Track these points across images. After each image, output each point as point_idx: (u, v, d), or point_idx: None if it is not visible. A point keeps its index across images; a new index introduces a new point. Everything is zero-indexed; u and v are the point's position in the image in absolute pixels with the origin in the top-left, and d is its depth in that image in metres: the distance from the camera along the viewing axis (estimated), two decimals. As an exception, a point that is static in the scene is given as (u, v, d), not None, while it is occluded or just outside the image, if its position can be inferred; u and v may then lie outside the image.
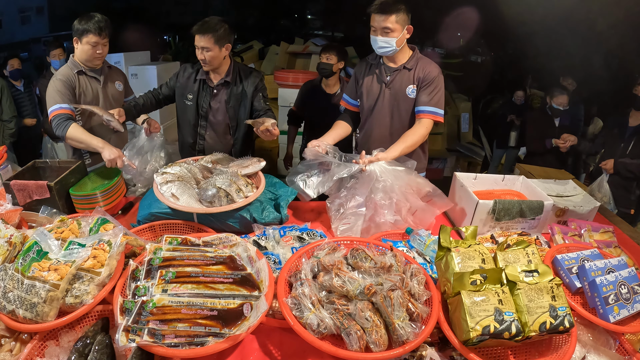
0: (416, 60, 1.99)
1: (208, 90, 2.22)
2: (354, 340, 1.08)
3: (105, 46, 2.11)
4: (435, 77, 1.95)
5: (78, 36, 2.05)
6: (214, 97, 2.23)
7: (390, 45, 1.89)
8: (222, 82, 2.20)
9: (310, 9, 9.80)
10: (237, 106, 2.23)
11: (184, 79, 2.24)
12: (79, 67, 2.12)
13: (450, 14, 5.92)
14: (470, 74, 6.71)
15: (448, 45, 7.15)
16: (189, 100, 2.24)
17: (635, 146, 2.96)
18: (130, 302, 1.10)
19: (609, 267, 1.37)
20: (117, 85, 2.30)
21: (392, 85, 2.02)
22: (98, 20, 2.03)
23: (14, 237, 1.34)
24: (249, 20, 8.83)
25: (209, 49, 2.04)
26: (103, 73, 2.21)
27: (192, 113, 2.25)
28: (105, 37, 2.07)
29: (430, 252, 1.57)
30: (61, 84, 2.03)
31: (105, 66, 2.23)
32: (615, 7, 4.45)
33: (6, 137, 3.84)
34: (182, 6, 8.94)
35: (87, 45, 2.05)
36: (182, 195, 1.63)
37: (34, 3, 8.56)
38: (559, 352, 1.18)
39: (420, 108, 1.96)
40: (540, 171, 2.97)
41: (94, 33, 2.02)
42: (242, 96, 2.21)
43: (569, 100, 3.67)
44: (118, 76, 2.34)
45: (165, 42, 8.18)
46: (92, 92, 2.15)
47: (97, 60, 2.13)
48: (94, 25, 2.01)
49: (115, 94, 2.27)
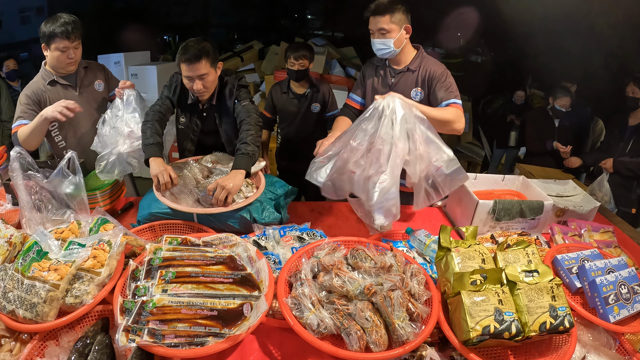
0: (420, 61, 1.94)
1: (199, 113, 2.03)
2: (354, 340, 1.08)
3: (77, 49, 1.96)
4: (442, 72, 1.89)
5: (45, 42, 1.90)
6: (204, 120, 2.04)
7: (388, 47, 1.86)
8: (209, 105, 1.99)
9: (310, 9, 9.79)
10: (228, 127, 2.03)
11: (179, 96, 2.00)
12: (51, 76, 1.99)
13: (450, 14, 5.92)
14: (470, 74, 6.71)
15: (448, 45, 7.16)
16: (181, 124, 2.08)
17: (634, 145, 2.96)
18: (130, 302, 1.10)
19: (609, 267, 1.37)
20: (97, 85, 2.13)
21: (397, 88, 1.96)
22: (65, 22, 1.87)
23: (14, 237, 1.34)
24: (249, 20, 8.82)
25: (207, 74, 1.81)
26: (79, 78, 2.06)
27: (185, 135, 2.09)
28: (75, 40, 1.92)
29: (430, 252, 1.58)
30: (27, 99, 1.94)
31: (80, 68, 2.07)
32: (615, 7, 4.46)
33: (5, 137, 3.85)
34: (182, 6, 8.93)
35: (56, 51, 1.90)
36: (179, 195, 1.62)
37: (34, 3, 8.55)
38: (559, 352, 1.18)
39: (444, 103, 1.82)
40: (540, 171, 2.98)
41: (61, 37, 1.86)
42: (228, 115, 2.00)
43: (571, 102, 3.68)
44: (97, 74, 2.15)
45: (165, 42, 8.17)
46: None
47: (71, 66, 1.99)
48: (61, 29, 1.85)
49: (96, 97, 2.13)
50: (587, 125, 4.22)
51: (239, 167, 1.69)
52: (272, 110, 2.91)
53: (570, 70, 4.65)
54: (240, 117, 1.90)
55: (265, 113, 2.93)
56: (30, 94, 1.96)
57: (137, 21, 6.74)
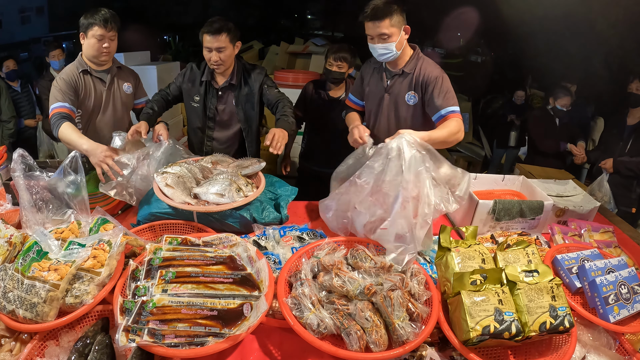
0: (415, 63, 1.89)
1: (214, 92, 2.18)
2: (354, 340, 1.08)
3: (112, 41, 2.04)
4: (438, 76, 1.83)
5: (84, 30, 1.99)
6: (219, 99, 2.20)
7: (391, 51, 1.80)
8: (226, 85, 2.16)
9: (310, 9, 9.80)
10: (247, 108, 2.20)
11: (190, 79, 2.20)
12: (85, 66, 2.07)
13: (450, 14, 5.93)
14: (470, 74, 6.73)
15: (448, 45, 7.17)
16: (195, 102, 2.21)
17: (634, 144, 2.97)
18: (130, 302, 1.10)
19: (609, 267, 1.37)
20: (126, 87, 2.22)
21: (392, 90, 1.95)
22: (104, 13, 1.98)
23: (14, 237, 1.34)
24: (249, 20, 8.83)
25: (225, 48, 2.00)
26: (110, 73, 2.14)
27: (199, 115, 2.23)
28: (111, 30, 2.00)
29: (430, 252, 1.58)
30: (64, 83, 1.99)
31: (114, 66, 2.16)
32: (615, 7, 4.46)
33: (5, 137, 3.85)
34: (182, 6, 8.93)
35: (92, 39, 1.98)
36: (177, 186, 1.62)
37: (34, 3, 8.55)
38: (559, 352, 1.18)
39: (442, 112, 1.79)
40: (540, 171, 2.98)
41: (99, 25, 1.96)
42: (249, 97, 2.18)
43: (571, 101, 3.69)
44: (128, 77, 2.25)
45: (165, 42, 8.18)
46: (95, 94, 2.10)
47: (104, 56, 2.05)
48: (100, 18, 1.96)
49: (122, 97, 2.20)
50: (588, 124, 4.23)
51: (284, 128, 1.86)
52: (302, 108, 2.80)
53: (570, 70, 4.66)
54: (273, 100, 2.12)
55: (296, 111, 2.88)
56: (67, 79, 2.01)
57: (137, 21, 6.74)
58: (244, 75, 2.18)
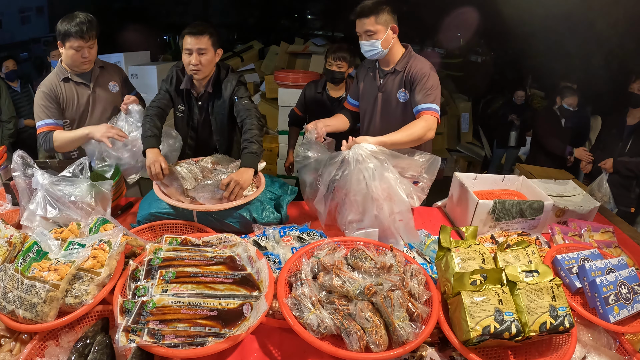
0: (407, 61, 1.91)
1: (194, 101, 2.08)
2: (354, 341, 1.08)
3: (91, 48, 1.95)
4: (425, 73, 1.85)
5: (61, 40, 1.90)
6: (199, 108, 2.09)
7: (375, 48, 1.85)
8: (203, 93, 2.04)
9: (310, 9, 9.80)
10: (220, 119, 2.09)
11: (175, 85, 2.06)
12: (66, 73, 2.00)
13: (450, 14, 5.92)
14: (470, 74, 6.72)
15: (448, 45, 7.16)
16: (179, 111, 2.13)
17: (633, 144, 2.97)
18: (130, 302, 1.10)
19: (609, 267, 1.37)
20: (112, 86, 2.14)
21: (385, 89, 1.98)
22: (80, 21, 1.86)
23: (14, 237, 1.34)
24: (249, 20, 8.82)
25: (206, 50, 1.88)
26: (93, 76, 2.06)
27: (183, 124, 2.15)
28: (90, 39, 1.91)
29: (430, 252, 1.58)
30: (44, 97, 1.95)
31: (96, 67, 2.07)
32: (615, 7, 4.46)
33: (5, 137, 3.85)
34: (182, 6, 8.92)
35: (70, 50, 1.90)
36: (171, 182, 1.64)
37: (34, 3, 8.55)
38: (559, 352, 1.18)
39: (419, 107, 1.83)
40: (540, 171, 2.98)
41: (75, 37, 1.86)
42: (221, 108, 2.05)
43: (578, 101, 3.69)
44: (112, 76, 2.17)
45: (165, 42, 8.17)
46: (79, 100, 2.04)
47: (85, 65, 1.99)
48: (76, 28, 1.85)
49: (108, 97, 2.13)
50: (588, 123, 4.23)
51: (247, 166, 1.73)
52: (303, 108, 2.81)
53: (570, 70, 4.66)
54: (241, 115, 1.94)
55: (296, 110, 2.87)
56: (47, 91, 1.97)
57: (137, 21, 6.74)
58: (219, 83, 2.05)
